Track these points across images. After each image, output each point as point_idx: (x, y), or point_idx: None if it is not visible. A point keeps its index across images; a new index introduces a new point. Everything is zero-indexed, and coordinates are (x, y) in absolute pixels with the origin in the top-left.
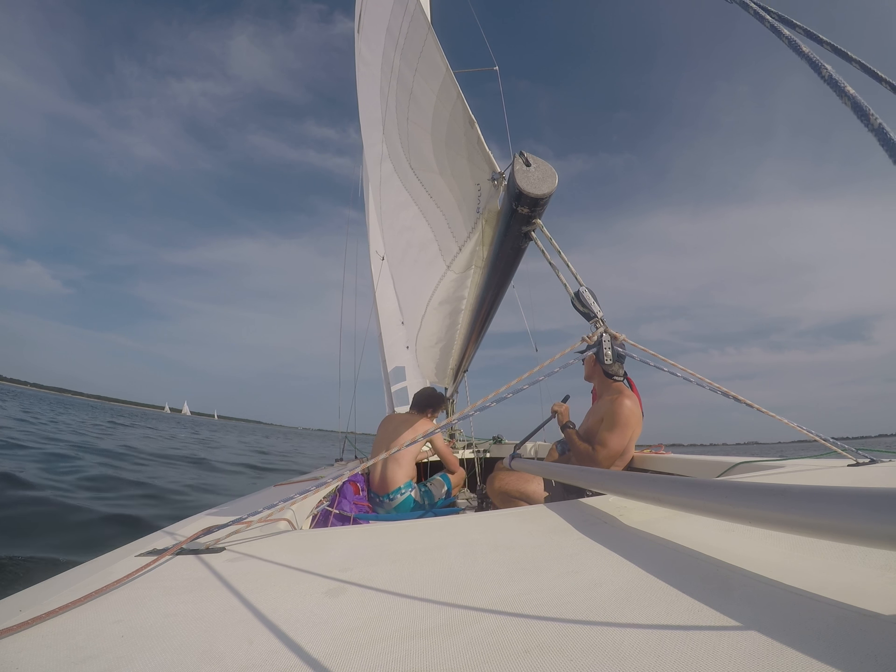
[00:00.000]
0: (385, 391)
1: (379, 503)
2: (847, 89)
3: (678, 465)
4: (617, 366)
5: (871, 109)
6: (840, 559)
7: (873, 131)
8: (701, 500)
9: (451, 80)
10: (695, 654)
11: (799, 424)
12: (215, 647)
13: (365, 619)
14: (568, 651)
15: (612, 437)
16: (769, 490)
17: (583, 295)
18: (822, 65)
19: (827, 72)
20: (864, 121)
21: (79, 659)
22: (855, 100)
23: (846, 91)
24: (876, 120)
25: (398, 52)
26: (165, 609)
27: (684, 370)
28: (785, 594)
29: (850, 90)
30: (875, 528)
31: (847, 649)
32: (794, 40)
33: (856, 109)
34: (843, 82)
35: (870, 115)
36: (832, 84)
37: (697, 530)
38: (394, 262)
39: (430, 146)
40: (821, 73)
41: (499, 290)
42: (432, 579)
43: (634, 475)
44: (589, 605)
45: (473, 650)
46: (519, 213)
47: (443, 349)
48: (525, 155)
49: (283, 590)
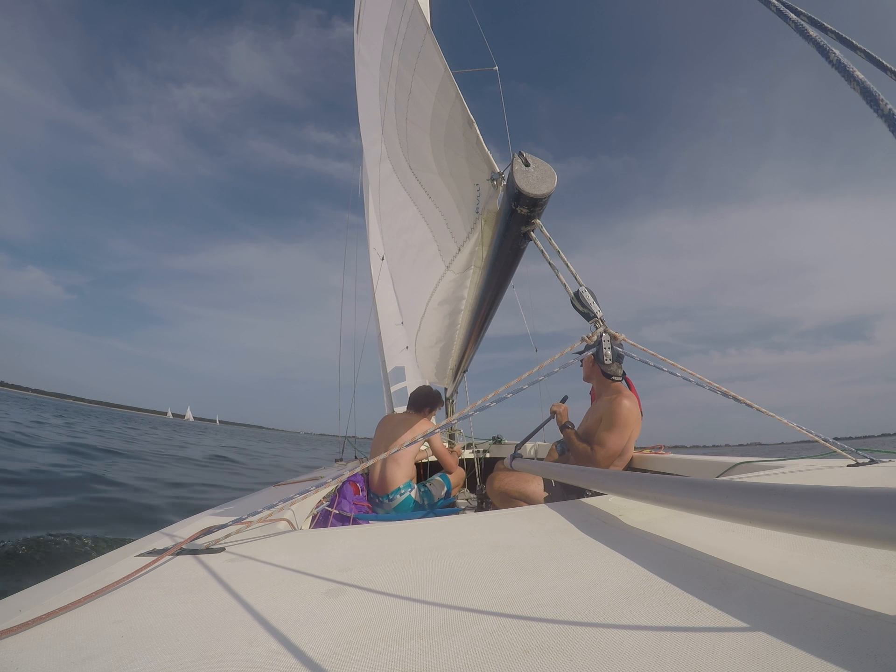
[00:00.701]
0: (384, 392)
1: (378, 503)
2: (856, 74)
3: (678, 465)
4: (616, 366)
5: (880, 95)
6: (840, 559)
7: (883, 117)
8: (701, 500)
9: (449, 81)
10: (695, 654)
11: (799, 425)
12: (215, 647)
13: (365, 620)
14: (568, 651)
15: (611, 437)
16: (769, 490)
17: (582, 295)
18: (829, 49)
19: (835, 56)
20: (874, 106)
21: (79, 659)
22: (864, 84)
23: (855, 76)
24: (886, 105)
25: (397, 52)
26: (165, 609)
27: (684, 370)
28: (785, 594)
29: (859, 75)
30: (875, 529)
31: (847, 649)
32: (800, 24)
33: (865, 94)
34: (851, 67)
35: (879, 101)
36: (840, 69)
37: (697, 530)
38: (393, 263)
39: (428, 146)
40: (829, 58)
41: (498, 290)
42: (432, 579)
43: (634, 475)
44: (589, 605)
45: (473, 650)
46: (518, 214)
47: (442, 349)
48: (524, 155)
49: (282, 590)
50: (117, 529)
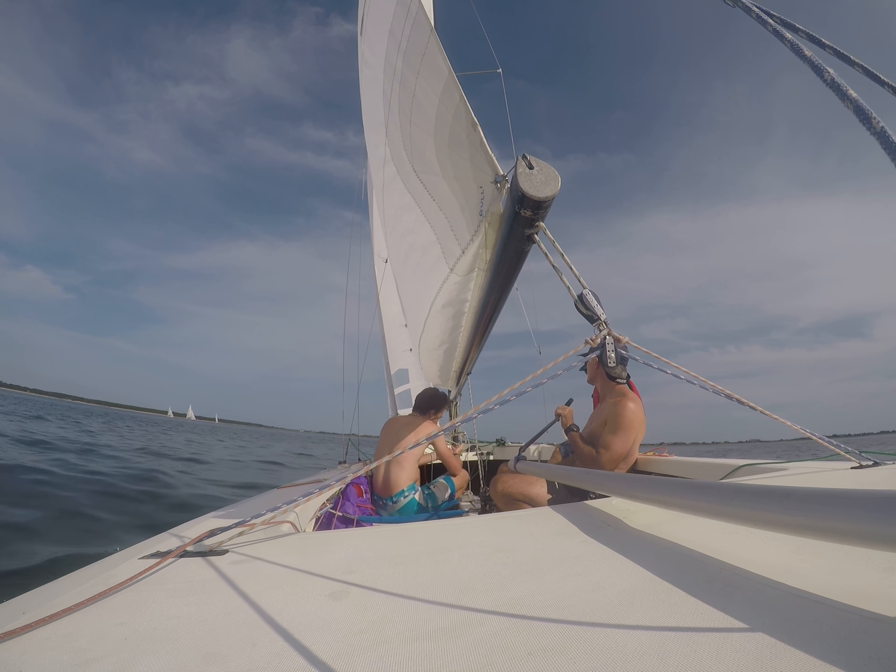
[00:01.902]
0: (388, 394)
1: (382, 506)
2: (849, 93)
3: (682, 467)
4: (620, 368)
5: (872, 113)
6: (844, 562)
7: (875, 134)
8: (705, 503)
9: (453, 83)
10: (698, 657)
11: (799, 425)
12: (219, 649)
13: (368, 622)
14: (572, 653)
15: (616, 440)
16: (773, 492)
17: (586, 298)
18: (824, 69)
19: (829, 75)
20: (867, 124)
21: (82, 661)
22: (857, 103)
23: (848, 95)
24: (878, 123)
25: (401, 54)
26: (169, 611)
27: (687, 372)
28: (789, 596)
29: (853, 94)
30: (879, 531)
31: (851, 651)
32: (796, 44)
33: (858, 113)
34: (845, 86)
35: (872, 119)
36: (834, 88)
37: (701, 533)
38: (397, 265)
39: (432, 149)
40: (823, 77)
41: (502, 292)
42: (436, 582)
43: (638, 477)
44: (593, 608)
45: (477, 653)
46: (522, 216)
47: (446, 352)
48: (528, 158)
49: (286, 592)
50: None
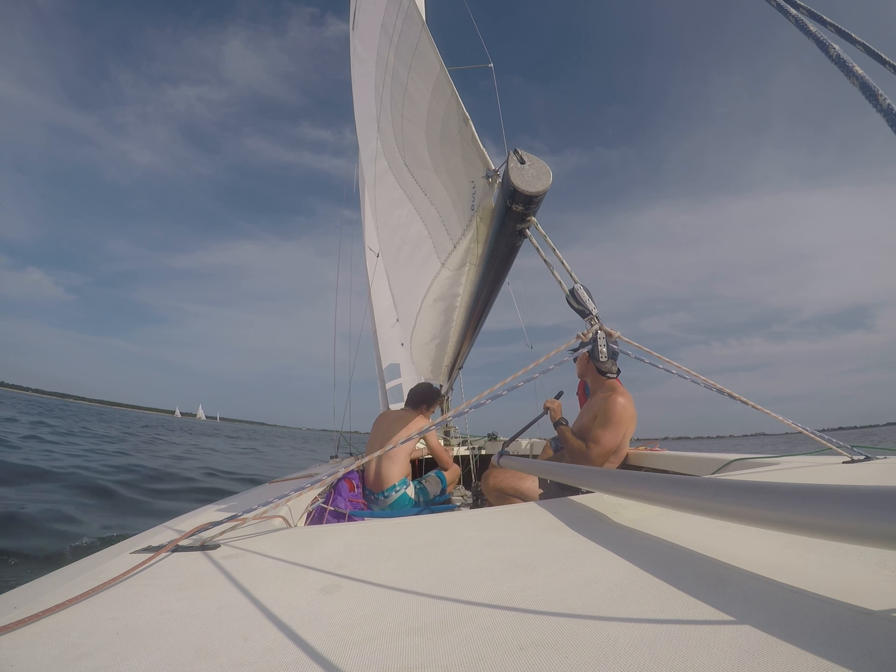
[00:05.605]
0: (379, 388)
1: (374, 500)
2: (855, 69)
3: (673, 462)
4: (611, 363)
5: (879, 90)
6: (835, 557)
7: (882, 111)
8: (690, 499)
9: (445, 78)
10: (689, 651)
11: (792, 419)
12: (210, 644)
13: (360, 616)
14: (563, 647)
15: (606, 435)
16: (759, 488)
17: (577, 292)
18: (829, 44)
19: (835, 51)
20: (873, 101)
21: (74, 656)
22: (863, 80)
23: (854, 71)
24: (885, 100)
25: (392, 49)
26: (160, 606)
27: (679, 367)
28: (779, 591)
29: (859, 70)
30: (868, 526)
31: (842, 646)
32: (800, 19)
33: (864, 89)
34: (850, 62)
35: (878, 95)
36: (840, 64)
37: (692, 528)
38: (388, 260)
39: (424, 143)
40: (828, 53)
41: (493, 287)
42: (427, 576)
43: (623, 473)
44: (583, 602)
45: (468, 647)
46: (513, 211)
47: (438, 346)
48: (519, 152)
49: (278, 587)
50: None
